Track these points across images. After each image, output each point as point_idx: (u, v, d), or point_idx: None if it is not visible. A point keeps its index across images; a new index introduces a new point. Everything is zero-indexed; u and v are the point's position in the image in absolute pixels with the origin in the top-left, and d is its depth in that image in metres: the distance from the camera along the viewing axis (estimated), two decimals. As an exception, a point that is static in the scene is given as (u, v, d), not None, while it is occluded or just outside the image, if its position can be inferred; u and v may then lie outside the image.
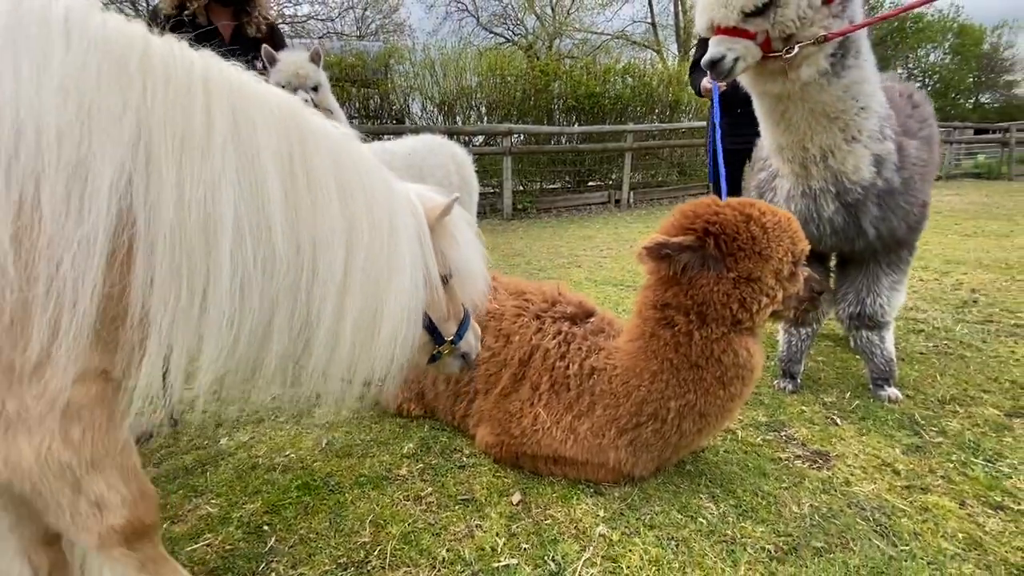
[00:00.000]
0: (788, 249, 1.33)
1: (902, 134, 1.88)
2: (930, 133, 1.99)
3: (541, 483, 1.65)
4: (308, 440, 1.98)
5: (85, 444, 0.92)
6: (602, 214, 9.65)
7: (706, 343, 1.39)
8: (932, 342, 2.76)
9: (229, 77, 0.95)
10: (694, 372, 1.42)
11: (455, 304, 1.40)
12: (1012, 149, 15.32)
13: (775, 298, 1.36)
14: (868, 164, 1.82)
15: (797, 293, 1.40)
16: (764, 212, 1.34)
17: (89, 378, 0.90)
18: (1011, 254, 4.84)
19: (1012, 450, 1.75)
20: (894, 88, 2.04)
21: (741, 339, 1.39)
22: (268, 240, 0.92)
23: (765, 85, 1.76)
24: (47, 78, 0.77)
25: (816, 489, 1.59)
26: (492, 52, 11.84)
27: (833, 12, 1.63)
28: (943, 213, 7.91)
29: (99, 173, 0.79)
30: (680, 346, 1.42)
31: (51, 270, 0.77)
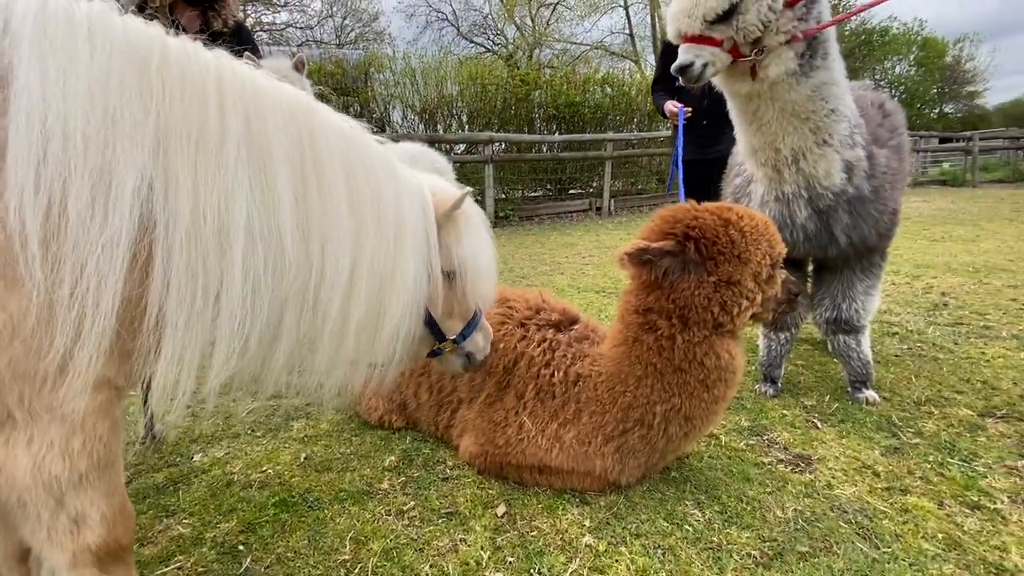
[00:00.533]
0: (766, 252, 1.34)
1: (872, 142, 1.93)
2: (900, 142, 2.04)
3: (526, 494, 1.63)
4: (286, 454, 1.92)
5: (83, 456, 0.90)
6: (583, 221, 9.72)
7: (688, 347, 1.39)
8: (906, 344, 2.82)
9: (242, 76, 0.96)
10: (678, 376, 1.42)
11: (462, 302, 1.36)
12: (975, 157, 15.94)
13: (754, 301, 1.37)
14: (839, 170, 1.85)
15: (775, 295, 1.41)
16: (742, 216, 1.36)
17: (98, 387, 0.90)
18: (978, 258, 5.00)
19: (986, 449, 1.79)
20: (865, 97, 2.09)
21: (723, 342, 1.40)
22: (279, 245, 0.94)
23: (735, 85, 1.79)
24: (74, 83, 0.79)
25: (799, 493, 1.60)
26: (473, 61, 11.88)
27: (797, 15, 1.66)
28: (912, 219, 8.16)
29: (123, 178, 0.81)
30: (663, 350, 1.42)
31: (76, 273, 0.79)
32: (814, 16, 1.69)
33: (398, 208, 1.14)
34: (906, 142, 2.08)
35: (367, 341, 1.14)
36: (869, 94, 2.15)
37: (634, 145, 11.04)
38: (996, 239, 6.09)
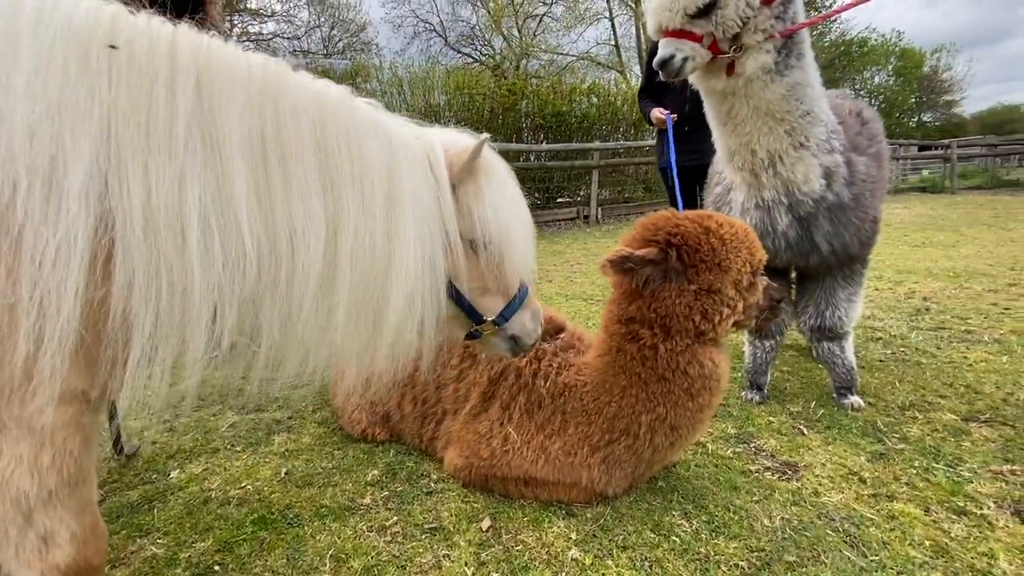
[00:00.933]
0: (746, 260, 1.34)
1: (851, 150, 1.93)
2: (879, 150, 2.06)
3: (512, 507, 1.60)
4: (267, 469, 1.88)
5: (52, 472, 0.86)
6: (571, 230, 9.74)
7: (671, 355, 1.38)
8: (890, 349, 2.84)
9: (198, 48, 0.86)
10: (662, 385, 1.40)
11: (498, 275, 1.17)
12: (954, 165, 16.29)
13: (736, 308, 1.36)
14: (818, 175, 1.85)
15: (757, 302, 1.41)
16: (722, 224, 1.35)
17: (67, 399, 0.85)
18: (958, 263, 5.08)
19: (971, 454, 1.80)
20: (844, 105, 2.11)
21: (705, 350, 1.39)
22: (237, 239, 0.86)
23: (711, 82, 1.79)
24: (15, 76, 0.74)
25: (786, 501, 1.59)
26: (460, 71, 11.94)
27: (775, 13, 1.68)
28: (893, 225, 8.29)
29: (72, 173, 0.75)
30: (647, 359, 1.40)
31: (34, 274, 0.74)
32: (790, 16, 1.71)
33: (391, 177, 1.01)
34: (885, 150, 2.10)
35: (367, 332, 1.03)
36: (847, 102, 2.17)
37: (620, 154, 11.13)
38: (975, 244, 6.20)
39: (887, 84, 34.24)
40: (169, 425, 2.29)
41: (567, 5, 24.25)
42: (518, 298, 1.23)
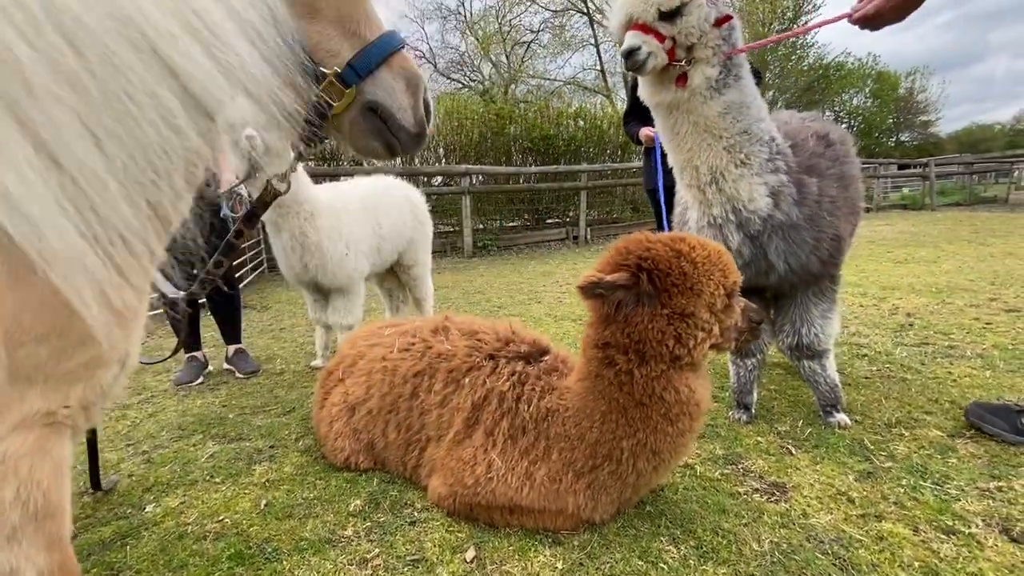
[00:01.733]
0: (719, 282, 1.34)
1: (803, 171, 1.98)
2: (844, 171, 2.09)
3: (497, 536, 1.56)
4: (246, 501, 1.82)
5: (16, 506, 0.79)
6: (561, 250, 9.80)
7: (647, 381, 1.37)
8: (875, 366, 2.86)
9: None
10: (640, 411, 1.39)
11: (338, 5, 0.83)
12: (932, 182, 16.69)
13: (711, 332, 1.36)
14: (763, 195, 1.90)
15: (735, 324, 1.41)
16: (694, 247, 1.35)
17: (28, 424, 0.78)
18: (940, 279, 5.16)
19: (958, 471, 1.79)
20: (809, 127, 2.15)
21: (681, 375, 1.38)
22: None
23: (660, 95, 1.88)
24: None
25: (775, 523, 1.57)
26: (449, 97, 12.14)
27: (722, 35, 1.81)
28: (876, 242, 8.43)
29: None
30: (624, 385, 1.39)
31: None
32: (732, 41, 1.84)
33: None
34: (852, 171, 2.13)
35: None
36: (815, 124, 2.21)
37: (608, 175, 11.31)
38: (956, 260, 6.32)
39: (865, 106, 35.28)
40: (147, 456, 2.23)
41: (554, 32, 24.89)
42: (379, 45, 0.85)
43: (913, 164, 20.20)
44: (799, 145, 2.02)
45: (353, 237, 2.99)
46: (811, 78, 29.18)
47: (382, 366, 1.93)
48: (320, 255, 2.86)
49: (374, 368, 1.95)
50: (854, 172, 2.14)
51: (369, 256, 3.13)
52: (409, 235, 3.46)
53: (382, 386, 1.89)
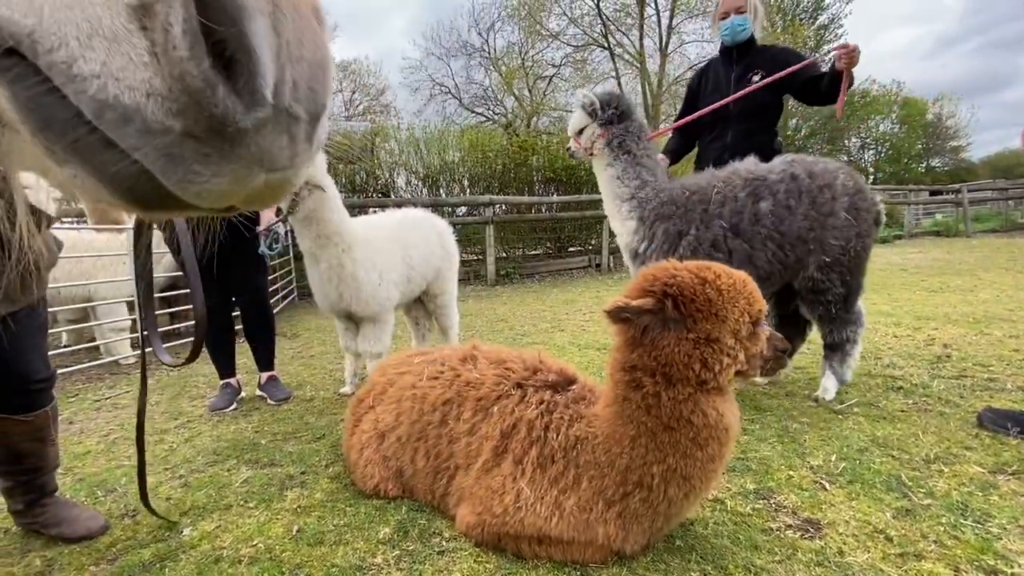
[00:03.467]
0: (744, 310, 1.36)
1: (660, 219, 2.75)
2: (793, 204, 2.58)
3: (525, 567, 1.56)
4: (278, 527, 1.87)
5: None
6: (583, 278, 9.82)
7: (674, 404, 1.39)
8: (911, 399, 2.78)
9: None
10: (669, 434, 1.41)
11: None
12: (966, 209, 16.26)
13: (737, 358, 1.37)
14: (629, 231, 2.85)
15: (761, 352, 1.42)
16: (719, 275, 1.39)
17: None
18: (977, 308, 5.00)
19: (999, 509, 1.73)
20: (773, 167, 2.70)
21: (709, 399, 1.39)
22: None
23: (594, 166, 2.99)
24: None
25: (810, 561, 1.53)
26: (473, 130, 12.50)
27: (606, 140, 2.84)
28: (909, 270, 8.22)
29: None
30: (651, 408, 1.41)
31: None
32: (616, 137, 2.82)
33: None
34: (817, 205, 2.58)
35: None
36: (793, 166, 2.66)
37: (630, 204, 11.34)
38: (994, 288, 6.11)
39: (892, 132, 34.83)
40: (184, 480, 2.30)
41: (575, 67, 25.51)
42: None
43: (945, 190, 19.75)
44: (697, 200, 2.72)
45: (385, 267, 3.10)
46: (835, 105, 28.95)
47: (411, 394, 1.98)
48: (355, 285, 2.97)
49: (403, 396, 2.00)
50: (809, 201, 2.59)
51: (399, 285, 3.22)
52: (437, 265, 3.56)
53: (411, 414, 1.94)
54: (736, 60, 3.21)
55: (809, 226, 2.57)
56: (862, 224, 2.63)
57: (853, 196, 2.62)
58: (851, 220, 2.59)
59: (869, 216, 2.66)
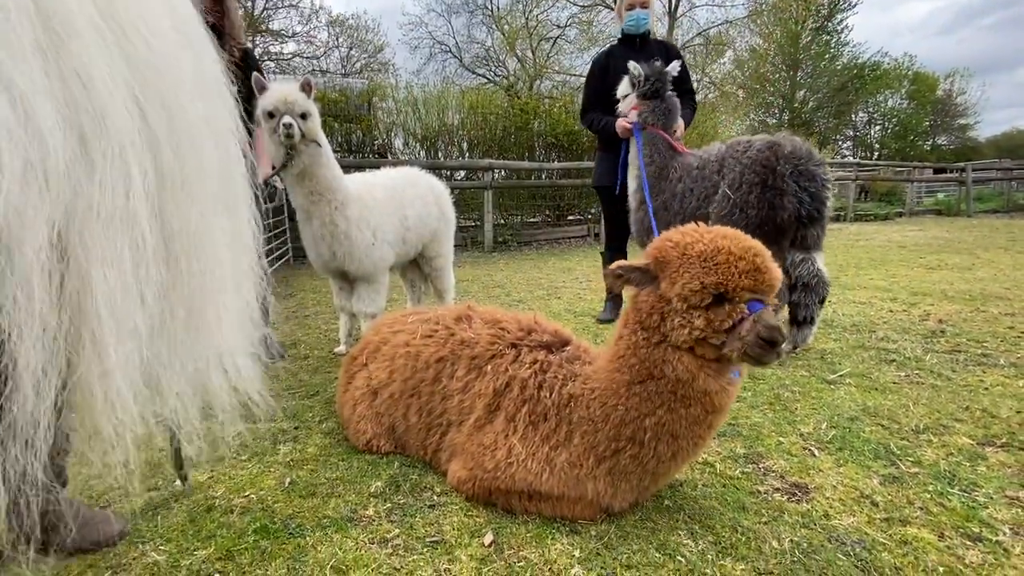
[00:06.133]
0: (695, 277, 1.31)
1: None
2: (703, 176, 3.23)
3: (515, 522, 1.58)
4: (271, 479, 1.88)
5: None
6: (581, 247, 9.77)
7: (648, 350, 1.42)
8: (904, 372, 2.79)
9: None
10: (655, 384, 1.42)
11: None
12: (969, 188, 16.13)
13: (691, 324, 1.33)
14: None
15: (739, 333, 1.30)
16: (697, 240, 1.35)
17: None
18: (974, 286, 5.00)
19: (986, 479, 1.75)
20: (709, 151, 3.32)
21: (678, 355, 1.39)
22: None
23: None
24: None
25: (796, 523, 1.55)
26: (474, 92, 12.15)
27: (638, 113, 3.48)
28: (908, 247, 8.20)
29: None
30: (638, 350, 1.45)
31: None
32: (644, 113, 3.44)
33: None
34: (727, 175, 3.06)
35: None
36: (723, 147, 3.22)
37: (632, 173, 11.18)
38: (992, 267, 6.11)
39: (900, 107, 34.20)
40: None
41: (581, 28, 24.70)
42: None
43: (949, 168, 19.55)
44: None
45: (380, 226, 3.04)
46: (844, 78, 28.39)
47: (405, 352, 1.96)
48: (348, 243, 2.91)
49: (397, 353, 1.99)
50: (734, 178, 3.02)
51: (394, 246, 3.17)
52: (434, 226, 3.49)
53: (405, 371, 1.93)
54: (639, 47, 3.92)
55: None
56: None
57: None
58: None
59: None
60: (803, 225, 2.93)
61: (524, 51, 25.29)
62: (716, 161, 3.16)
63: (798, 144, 2.93)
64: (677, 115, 3.53)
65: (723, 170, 3.10)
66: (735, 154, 3.06)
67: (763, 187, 2.88)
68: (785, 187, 2.83)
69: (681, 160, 3.38)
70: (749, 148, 3.01)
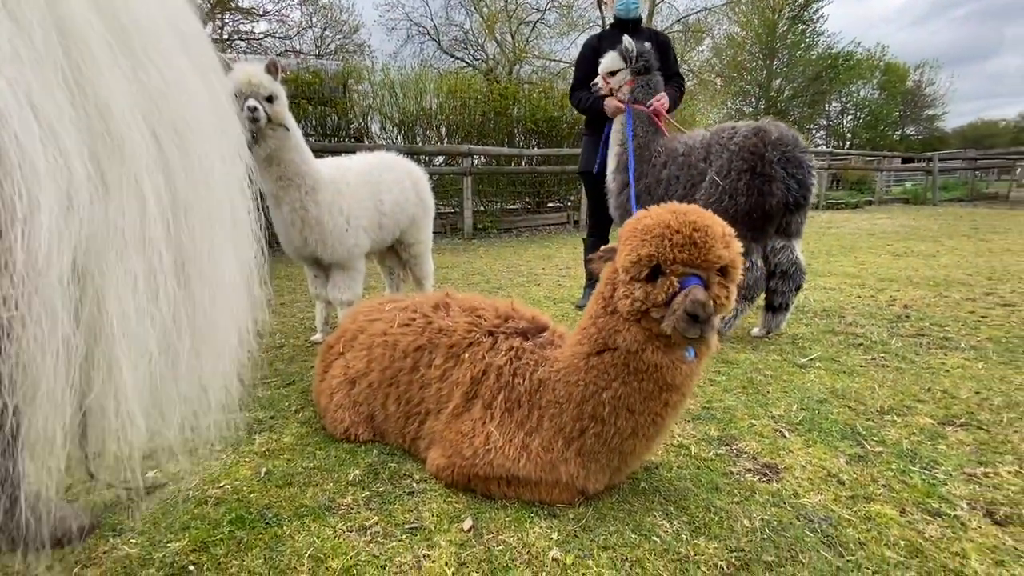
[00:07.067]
0: (634, 249, 1.33)
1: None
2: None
3: (493, 507, 1.59)
4: (246, 469, 1.85)
5: None
6: (561, 234, 9.79)
7: (605, 320, 1.46)
8: (870, 355, 2.89)
9: None
10: (610, 356, 1.45)
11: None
12: (935, 177, 16.64)
13: (632, 294, 1.36)
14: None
15: (674, 309, 1.29)
16: (649, 215, 1.37)
17: None
18: (938, 272, 5.19)
19: (946, 457, 1.83)
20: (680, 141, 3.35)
21: (627, 325, 1.41)
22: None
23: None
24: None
25: (766, 502, 1.60)
26: (452, 75, 11.96)
27: (631, 89, 3.46)
28: (876, 235, 8.44)
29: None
30: (597, 318, 1.48)
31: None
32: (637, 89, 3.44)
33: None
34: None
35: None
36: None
37: (611, 160, 11.19)
38: (955, 254, 6.34)
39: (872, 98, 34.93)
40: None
41: (560, 12, 24.46)
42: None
43: (917, 158, 20.11)
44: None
45: (354, 212, 2.98)
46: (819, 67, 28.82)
47: (383, 340, 1.94)
48: (320, 230, 2.85)
49: (375, 342, 1.97)
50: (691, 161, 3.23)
51: (370, 232, 3.12)
52: (411, 212, 3.44)
53: (383, 360, 1.91)
54: (631, 32, 3.90)
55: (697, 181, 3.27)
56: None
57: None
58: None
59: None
60: (789, 212, 2.95)
61: (503, 34, 24.96)
62: (702, 148, 3.14)
63: (784, 130, 2.94)
64: (660, 92, 3.54)
65: (709, 157, 3.08)
66: (721, 140, 3.04)
67: (752, 174, 2.88)
68: (774, 174, 2.84)
69: (666, 144, 3.34)
70: (735, 134, 3.01)
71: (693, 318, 1.26)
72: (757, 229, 2.96)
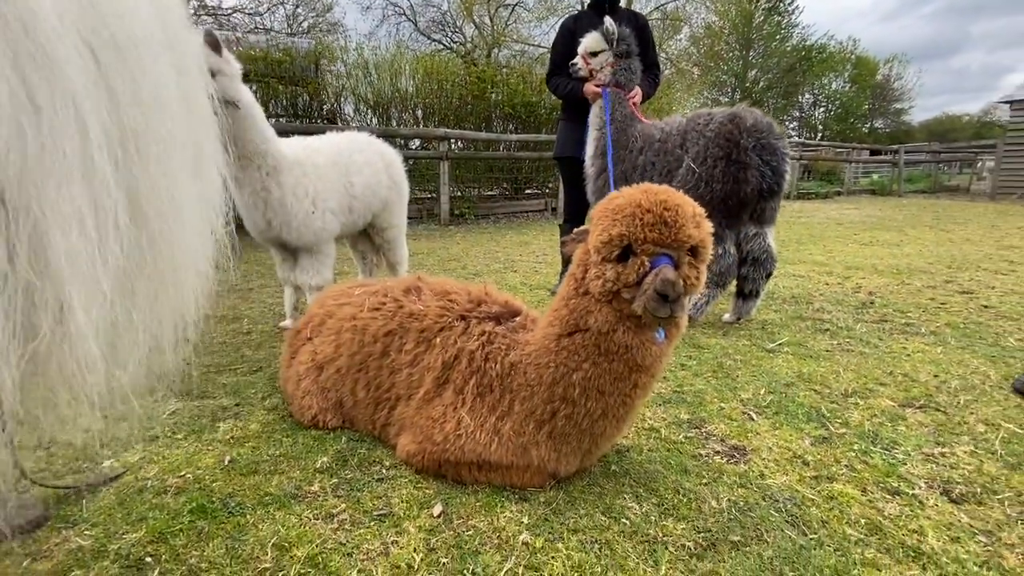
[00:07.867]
0: (605, 229, 1.33)
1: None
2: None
3: (464, 492, 1.57)
4: (209, 458, 1.79)
5: None
6: (539, 221, 9.77)
7: (576, 298, 1.45)
8: (836, 340, 2.96)
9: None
10: (581, 337, 1.44)
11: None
12: (901, 169, 17.15)
13: (603, 275, 1.35)
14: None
15: (644, 289, 1.28)
16: (621, 196, 1.36)
17: None
18: (901, 261, 5.36)
19: (905, 438, 1.89)
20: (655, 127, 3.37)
21: (599, 306, 1.40)
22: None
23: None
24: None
25: (734, 483, 1.63)
26: (429, 58, 11.70)
27: (612, 71, 3.42)
28: (844, 225, 8.67)
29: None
30: (569, 299, 1.47)
31: None
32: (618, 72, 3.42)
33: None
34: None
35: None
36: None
37: (589, 147, 11.17)
38: (918, 244, 6.55)
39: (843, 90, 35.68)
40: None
41: (539, -4, 24.13)
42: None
43: (884, 151, 20.67)
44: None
45: (321, 194, 2.88)
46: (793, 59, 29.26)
47: (352, 325, 1.89)
48: (284, 212, 2.75)
49: (343, 327, 1.91)
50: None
51: (339, 215, 3.03)
52: (384, 195, 3.36)
53: (352, 345, 1.86)
54: (609, 12, 3.83)
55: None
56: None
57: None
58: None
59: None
60: (763, 199, 2.99)
61: (482, 17, 24.54)
62: (678, 134, 3.15)
63: (759, 116, 2.97)
64: (637, 80, 3.51)
65: (686, 144, 3.09)
66: (697, 127, 3.06)
67: (727, 161, 2.90)
68: (749, 160, 2.87)
69: (642, 129, 3.34)
70: (711, 121, 3.02)
71: (663, 297, 1.25)
72: (732, 216, 2.98)
